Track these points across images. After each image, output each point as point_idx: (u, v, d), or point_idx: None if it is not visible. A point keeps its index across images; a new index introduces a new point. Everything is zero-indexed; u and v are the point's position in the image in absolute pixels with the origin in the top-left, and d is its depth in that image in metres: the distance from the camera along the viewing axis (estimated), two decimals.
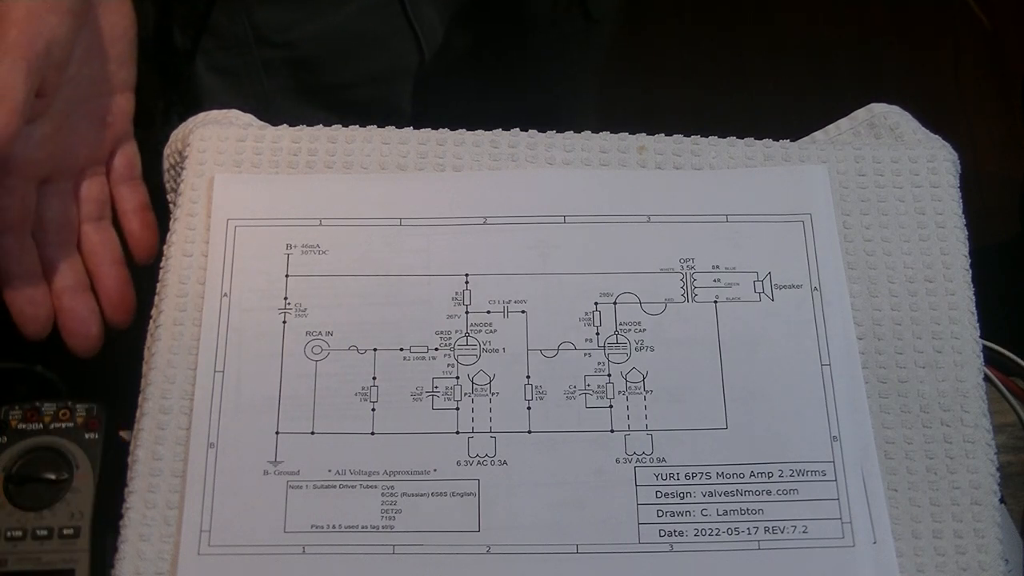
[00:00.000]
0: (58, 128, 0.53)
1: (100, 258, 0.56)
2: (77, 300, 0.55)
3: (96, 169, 0.57)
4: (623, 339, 0.50)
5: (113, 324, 0.56)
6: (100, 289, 0.56)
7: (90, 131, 0.56)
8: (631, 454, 0.48)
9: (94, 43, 0.54)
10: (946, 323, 0.51)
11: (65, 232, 0.56)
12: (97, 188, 0.57)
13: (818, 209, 0.53)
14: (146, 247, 0.57)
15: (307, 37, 0.74)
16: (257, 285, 0.51)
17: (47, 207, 0.55)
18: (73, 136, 0.55)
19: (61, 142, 0.54)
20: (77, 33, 0.51)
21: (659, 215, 0.53)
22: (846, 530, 0.47)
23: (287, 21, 0.74)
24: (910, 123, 0.56)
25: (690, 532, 0.47)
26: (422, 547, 0.47)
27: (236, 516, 0.47)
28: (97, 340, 0.55)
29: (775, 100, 1.69)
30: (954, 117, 1.68)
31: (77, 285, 0.55)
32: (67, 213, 0.55)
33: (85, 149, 0.56)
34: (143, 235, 0.57)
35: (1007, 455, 0.58)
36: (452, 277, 0.51)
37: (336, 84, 0.76)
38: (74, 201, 0.56)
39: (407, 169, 0.54)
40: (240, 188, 0.53)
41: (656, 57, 1.70)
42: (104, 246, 0.57)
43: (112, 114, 0.57)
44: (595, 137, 0.55)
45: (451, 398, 0.49)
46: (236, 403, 0.49)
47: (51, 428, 0.54)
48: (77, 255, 0.56)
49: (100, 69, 0.55)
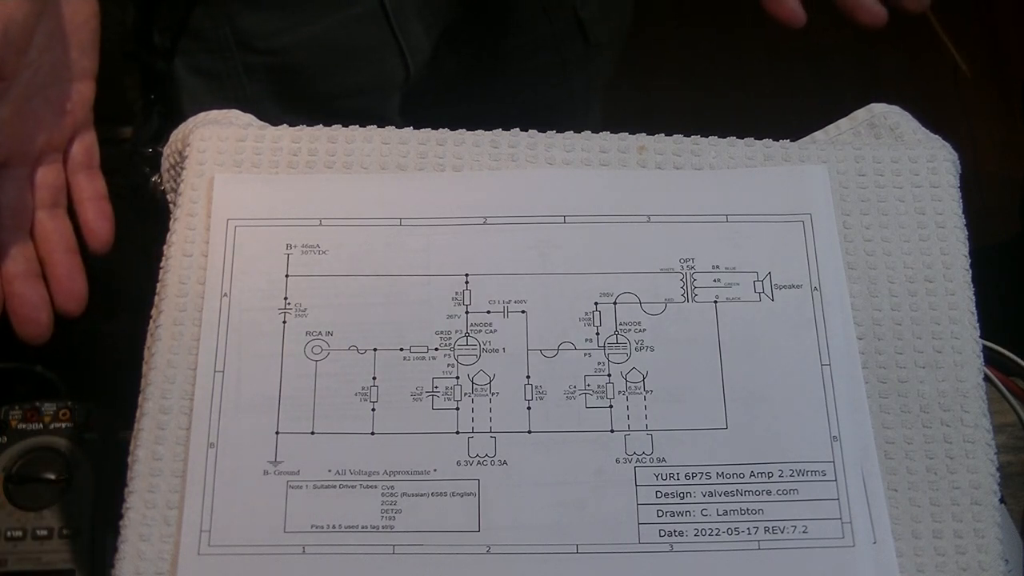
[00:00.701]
0: (16, 112, 0.53)
1: (53, 245, 0.56)
2: (27, 286, 0.54)
3: (53, 156, 0.56)
4: (623, 339, 0.50)
5: (63, 312, 0.55)
6: (51, 276, 0.55)
7: (49, 117, 0.56)
8: (631, 454, 0.48)
9: (56, 30, 0.54)
10: (946, 323, 0.51)
11: (19, 218, 0.55)
12: (53, 175, 0.56)
13: (818, 209, 0.53)
14: (101, 236, 0.57)
15: (291, 46, 0.74)
16: (257, 285, 0.51)
17: (2, 192, 0.54)
18: (31, 122, 0.54)
19: (19, 127, 0.54)
20: (37, 17, 0.51)
21: (659, 215, 0.53)
22: (846, 530, 0.47)
23: (270, 29, 0.73)
24: (910, 123, 0.56)
25: (690, 532, 0.47)
26: (422, 547, 0.47)
27: (236, 516, 0.47)
28: (47, 328, 0.54)
29: (775, 100, 1.69)
30: (954, 117, 1.68)
31: (28, 271, 0.55)
32: (22, 199, 0.55)
33: (43, 135, 0.55)
34: (98, 224, 0.57)
35: (1007, 455, 0.58)
36: (452, 277, 0.51)
37: (320, 94, 0.76)
38: (29, 187, 0.55)
39: (407, 169, 0.54)
40: (240, 188, 0.53)
41: (656, 58, 1.70)
42: (57, 233, 0.56)
43: (72, 101, 0.56)
44: (595, 137, 0.55)
45: (451, 398, 0.49)
46: (236, 403, 0.49)
47: (51, 428, 0.54)
48: (30, 242, 0.55)
49: (62, 56, 0.55)
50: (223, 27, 0.72)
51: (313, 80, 0.76)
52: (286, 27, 0.73)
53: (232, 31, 0.73)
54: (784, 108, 1.64)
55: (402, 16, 0.76)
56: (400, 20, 0.76)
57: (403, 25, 0.76)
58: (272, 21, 0.73)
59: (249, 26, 0.73)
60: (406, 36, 0.77)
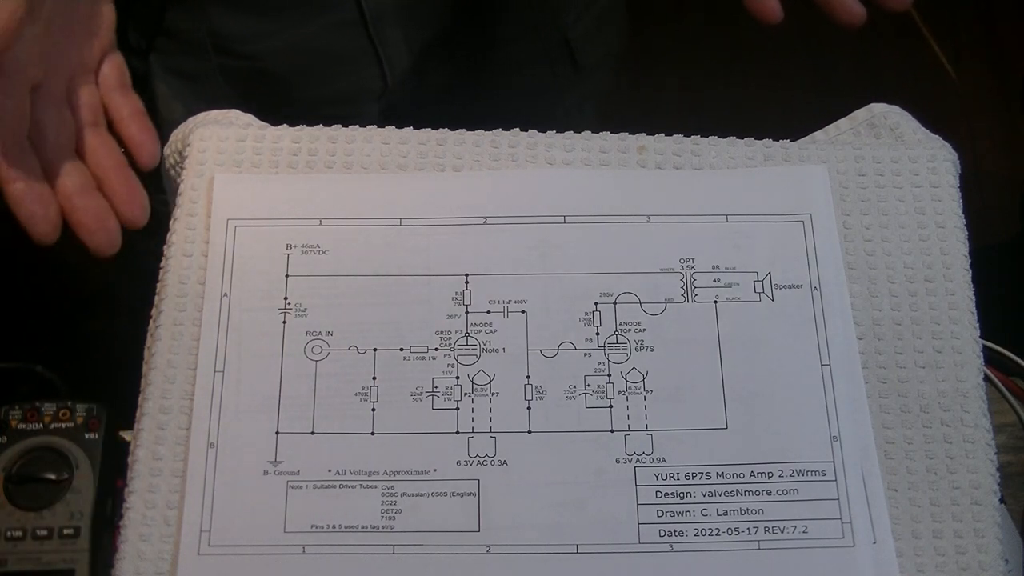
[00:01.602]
0: (47, 30, 0.52)
1: (103, 160, 0.54)
2: (87, 199, 0.53)
3: (86, 77, 0.55)
4: (623, 339, 0.50)
5: (128, 222, 0.53)
6: (108, 190, 0.54)
7: (79, 36, 0.54)
8: (631, 454, 0.48)
9: None
10: (946, 323, 0.51)
11: (63, 136, 0.53)
12: (89, 95, 0.55)
13: (818, 209, 0.53)
14: (148, 151, 0.55)
15: (268, 51, 0.73)
16: (257, 285, 0.51)
17: (42, 111, 0.53)
18: (62, 40, 0.53)
19: (51, 45, 0.52)
20: None
21: (659, 215, 0.53)
22: (846, 530, 0.47)
23: (248, 33, 0.73)
24: (910, 123, 0.56)
25: (690, 532, 0.47)
26: (422, 547, 0.47)
27: (236, 516, 0.47)
28: (116, 235, 0.53)
29: (775, 100, 1.69)
30: (954, 117, 1.68)
31: (85, 185, 0.53)
32: (63, 117, 0.54)
33: (75, 54, 0.54)
34: (143, 139, 0.55)
35: (1007, 455, 0.58)
36: (452, 277, 0.51)
37: (296, 100, 0.76)
38: (68, 106, 0.54)
39: (407, 169, 0.54)
40: (240, 188, 0.53)
41: (656, 57, 1.70)
42: (104, 148, 0.54)
43: (98, 23, 0.55)
44: (595, 137, 0.55)
45: (451, 398, 0.49)
46: (236, 403, 0.49)
47: (51, 428, 0.54)
48: (78, 159, 0.54)
49: None
50: (200, 28, 0.72)
51: (290, 86, 0.75)
52: (264, 32, 0.73)
53: (209, 33, 0.72)
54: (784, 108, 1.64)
55: (381, 25, 0.75)
56: (379, 29, 0.75)
57: (382, 35, 0.76)
58: (250, 25, 0.73)
59: (227, 29, 0.72)
60: (385, 46, 0.76)
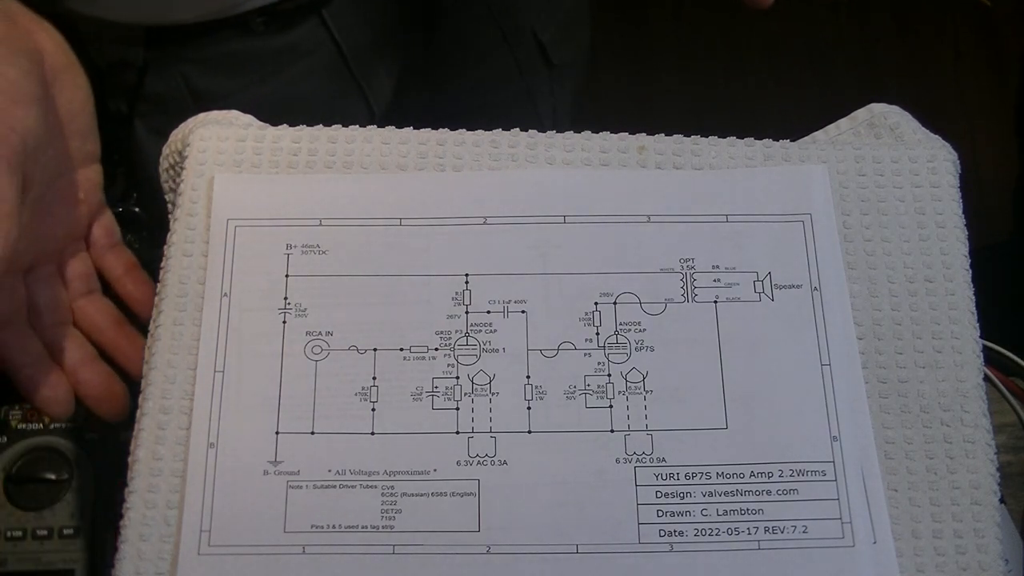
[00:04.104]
0: (34, 214, 0.52)
1: (101, 326, 0.56)
2: (91, 371, 0.55)
3: (76, 246, 0.57)
4: (623, 339, 0.50)
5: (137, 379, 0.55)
6: (112, 352, 0.56)
7: (65, 210, 0.55)
8: (631, 454, 0.48)
9: (55, 122, 0.53)
10: (946, 323, 0.51)
11: (59, 313, 0.55)
12: (81, 265, 0.57)
13: (818, 209, 0.53)
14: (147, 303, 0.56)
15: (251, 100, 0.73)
16: (257, 285, 0.51)
17: (37, 294, 0.54)
18: (49, 219, 0.54)
19: (39, 227, 0.53)
20: (44, 119, 0.49)
21: (659, 215, 0.53)
22: (846, 530, 0.47)
23: (225, 89, 0.72)
24: (910, 123, 0.56)
25: (690, 532, 0.47)
26: (422, 547, 0.47)
27: (236, 516, 0.47)
28: (125, 401, 0.55)
29: (775, 99, 1.69)
30: (954, 117, 1.68)
31: (86, 357, 0.55)
32: (57, 295, 0.55)
33: (63, 229, 0.55)
34: (140, 292, 0.57)
35: (1007, 455, 0.58)
36: (452, 277, 0.51)
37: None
38: (61, 283, 0.56)
39: (407, 169, 0.54)
40: (240, 188, 0.53)
41: (656, 57, 1.71)
42: (101, 314, 0.56)
43: (83, 189, 0.56)
44: (595, 137, 0.55)
45: (451, 398, 0.49)
46: (236, 403, 0.49)
47: (51, 428, 0.54)
48: (77, 332, 0.56)
49: (64, 146, 0.54)
50: (178, 87, 0.72)
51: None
52: (243, 84, 0.73)
53: (190, 92, 0.72)
54: (784, 107, 1.64)
55: (362, 61, 0.75)
56: (360, 65, 0.75)
57: (364, 70, 0.75)
58: (226, 83, 0.72)
59: (204, 87, 0.72)
60: (368, 80, 0.76)
